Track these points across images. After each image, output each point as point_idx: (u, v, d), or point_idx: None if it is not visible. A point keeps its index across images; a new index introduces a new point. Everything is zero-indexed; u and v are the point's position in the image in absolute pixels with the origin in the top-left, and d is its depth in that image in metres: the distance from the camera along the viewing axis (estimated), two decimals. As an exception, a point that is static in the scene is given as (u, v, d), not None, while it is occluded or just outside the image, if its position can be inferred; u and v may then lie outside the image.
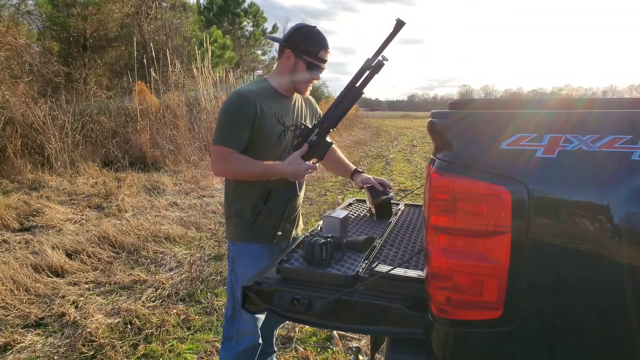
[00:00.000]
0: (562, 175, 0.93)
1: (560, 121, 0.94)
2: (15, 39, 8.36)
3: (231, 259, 1.80)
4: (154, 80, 9.72)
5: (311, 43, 1.67)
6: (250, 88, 1.72)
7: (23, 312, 2.88)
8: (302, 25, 1.73)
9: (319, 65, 1.70)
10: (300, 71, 1.70)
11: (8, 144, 6.81)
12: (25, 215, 4.95)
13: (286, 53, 1.70)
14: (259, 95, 1.69)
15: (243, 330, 1.76)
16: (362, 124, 25.36)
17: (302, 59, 1.68)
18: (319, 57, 1.69)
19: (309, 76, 1.72)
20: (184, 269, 3.67)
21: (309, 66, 1.69)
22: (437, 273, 1.01)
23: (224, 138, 1.66)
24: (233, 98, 1.68)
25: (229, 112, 1.67)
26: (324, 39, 1.70)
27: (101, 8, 12.00)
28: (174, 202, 5.84)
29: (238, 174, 1.72)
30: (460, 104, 1.18)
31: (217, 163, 1.69)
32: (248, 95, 1.66)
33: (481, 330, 1.01)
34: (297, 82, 1.73)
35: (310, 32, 1.69)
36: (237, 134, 1.66)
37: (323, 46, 1.69)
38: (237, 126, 1.65)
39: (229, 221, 1.83)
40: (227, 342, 1.80)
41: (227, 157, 1.65)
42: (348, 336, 2.69)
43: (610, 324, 0.95)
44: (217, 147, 1.66)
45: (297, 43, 1.68)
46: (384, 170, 9.61)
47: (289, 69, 1.71)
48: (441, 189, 1.00)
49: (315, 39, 1.68)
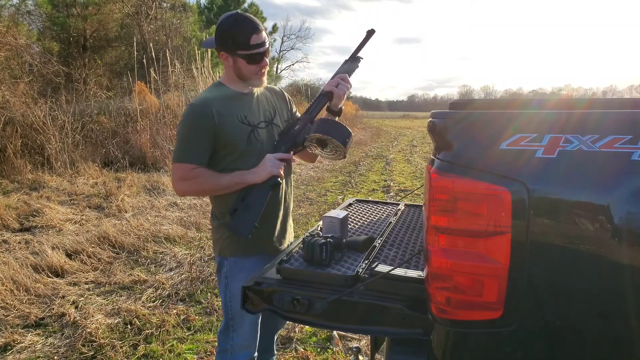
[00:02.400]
0: (562, 176, 0.93)
1: (560, 121, 0.94)
2: (16, 39, 8.37)
3: (224, 274, 1.68)
4: (153, 81, 9.73)
5: (238, 34, 1.53)
6: (203, 97, 1.61)
7: (23, 312, 2.88)
8: (223, 19, 1.57)
9: (257, 52, 1.55)
10: (243, 67, 1.58)
11: (8, 144, 6.81)
12: (25, 215, 4.95)
13: (222, 55, 1.60)
14: (214, 102, 1.58)
15: (238, 345, 1.72)
16: (362, 124, 25.36)
17: (237, 55, 1.56)
18: (252, 45, 1.53)
19: (254, 68, 1.59)
20: (184, 269, 3.67)
21: (248, 58, 1.56)
22: (437, 273, 1.01)
23: (183, 154, 1.55)
24: (187, 112, 1.57)
25: (185, 127, 1.56)
26: (250, 22, 1.54)
27: (101, 8, 12.01)
28: (174, 202, 5.84)
29: (204, 190, 1.62)
30: (460, 104, 1.18)
31: (179, 182, 1.57)
32: (201, 106, 1.56)
33: (481, 330, 1.01)
34: (247, 78, 1.62)
35: (232, 24, 1.55)
36: (196, 147, 1.54)
37: (251, 31, 1.53)
38: (196, 139, 1.55)
39: (218, 235, 1.70)
40: (223, 353, 1.75)
41: (189, 174, 1.54)
42: (348, 336, 2.69)
43: (610, 324, 0.95)
44: (177, 164, 1.55)
45: (225, 41, 1.56)
46: (384, 170, 9.61)
47: (232, 69, 1.61)
48: (441, 189, 1.00)
49: (240, 28, 1.54)
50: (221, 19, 1.58)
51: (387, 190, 7.24)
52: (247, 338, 1.72)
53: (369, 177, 8.61)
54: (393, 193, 7.00)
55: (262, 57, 1.58)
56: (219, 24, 1.58)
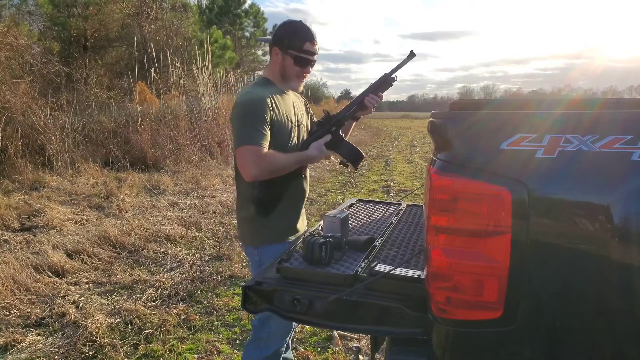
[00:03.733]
0: (562, 176, 0.93)
1: (560, 121, 0.95)
2: (16, 39, 8.37)
3: (257, 263, 1.76)
4: (154, 81, 9.74)
5: (295, 37, 1.70)
6: (257, 88, 1.73)
7: (24, 312, 2.88)
8: (286, 21, 1.77)
9: (306, 57, 1.72)
10: (289, 66, 1.73)
11: (9, 144, 6.81)
12: (26, 215, 4.95)
13: (274, 50, 1.74)
14: (270, 94, 1.68)
15: (274, 333, 1.75)
16: (362, 124, 25.36)
17: (288, 53, 1.71)
18: (304, 50, 1.71)
19: (299, 70, 1.74)
20: (184, 268, 3.67)
21: (296, 60, 1.71)
22: (437, 273, 1.01)
23: (252, 136, 1.58)
24: (247, 99, 1.66)
25: (248, 112, 1.62)
26: (308, 31, 1.72)
27: (102, 8, 12.03)
28: (175, 202, 5.84)
29: (276, 171, 1.64)
30: (461, 104, 1.18)
31: (251, 165, 1.57)
32: (261, 94, 1.66)
33: (481, 330, 1.01)
34: (288, 77, 1.75)
35: (294, 27, 1.73)
36: (262, 130, 1.60)
37: (307, 39, 1.71)
38: (260, 123, 1.61)
39: (247, 225, 1.77)
40: (256, 342, 1.78)
41: (262, 156, 1.58)
42: (348, 336, 2.69)
43: (610, 323, 0.95)
44: (248, 147, 1.57)
45: (282, 39, 1.72)
46: (384, 170, 9.61)
47: (278, 65, 1.74)
48: (441, 189, 1.00)
49: (299, 33, 1.71)
50: (286, 21, 1.78)
51: (387, 191, 7.24)
52: (283, 326, 1.76)
53: (369, 177, 8.61)
54: (393, 193, 7.00)
55: (307, 63, 1.75)
56: (282, 23, 1.77)
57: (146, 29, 12.52)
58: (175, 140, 8.61)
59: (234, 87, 11.34)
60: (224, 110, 9.61)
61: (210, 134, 9.22)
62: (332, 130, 1.76)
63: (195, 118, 9.32)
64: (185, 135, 8.78)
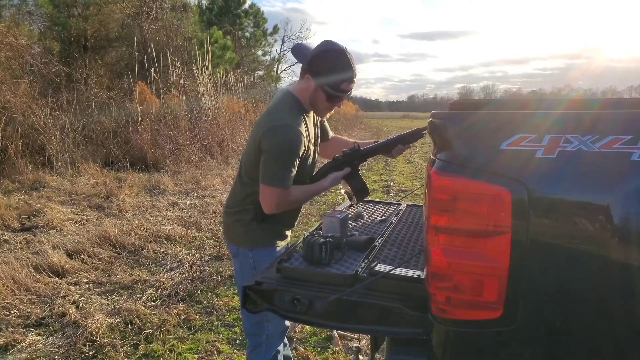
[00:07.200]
0: (562, 176, 0.93)
1: (560, 121, 0.95)
2: (16, 40, 8.37)
3: (251, 265, 1.70)
4: (154, 81, 9.74)
5: (335, 73, 1.54)
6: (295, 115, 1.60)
7: (24, 312, 2.88)
8: (329, 49, 1.56)
9: (341, 96, 1.61)
10: (320, 100, 1.61)
11: (9, 144, 6.81)
12: (26, 215, 4.95)
13: (307, 77, 1.58)
14: (304, 124, 1.61)
15: (272, 334, 1.73)
16: (362, 124, 25.36)
17: (322, 88, 1.57)
18: (341, 89, 1.57)
19: (329, 106, 1.64)
20: (184, 268, 3.67)
21: (330, 97, 1.59)
22: (437, 273, 1.01)
23: (282, 179, 1.55)
24: (292, 136, 1.54)
25: (290, 151, 1.54)
26: (350, 68, 1.56)
27: (102, 8, 12.02)
28: (175, 202, 5.84)
29: (293, 205, 1.69)
30: (460, 104, 1.18)
31: (274, 205, 1.58)
32: (300, 130, 1.56)
33: (481, 330, 1.01)
34: (316, 108, 1.66)
35: (336, 61, 1.55)
36: (293, 170, 1.57)
37: (347, 78, 1.57)
38: (295, 163, 1.56)
39: (243, 227, 1.72)
40: (257, 349, 1.74)
41: (286, 197, 1.58)
42: (348, 336, 2.69)
43: (610, 324, 0.95)
44: (276, 189, 1.55)
45: (319, 70, 1.55)
46: (384, 170, 9.61)
47: (309, 93, 1.61)
48: (441, 189, 1.00)
49: (341, 69, 1.55)
50: (327, 47, 1.56)
51: (387, 190, 7.24)
52: (279, 326, 1.74)
53: (369, 177, 8.61)
54: (393, 193, 7.00)
55: (340, 101, 1.64)
56: (323, 49, 1.56)
57: (146, 29, 12.52)
58: (175, 140, 8.61)
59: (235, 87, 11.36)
60: (224, 110, 9.61)
61: (210, 134, 9.22)
62: (354, 164, 1.73)
63: (195, 118, 9.33)
64: (185, 136, 8.79)
